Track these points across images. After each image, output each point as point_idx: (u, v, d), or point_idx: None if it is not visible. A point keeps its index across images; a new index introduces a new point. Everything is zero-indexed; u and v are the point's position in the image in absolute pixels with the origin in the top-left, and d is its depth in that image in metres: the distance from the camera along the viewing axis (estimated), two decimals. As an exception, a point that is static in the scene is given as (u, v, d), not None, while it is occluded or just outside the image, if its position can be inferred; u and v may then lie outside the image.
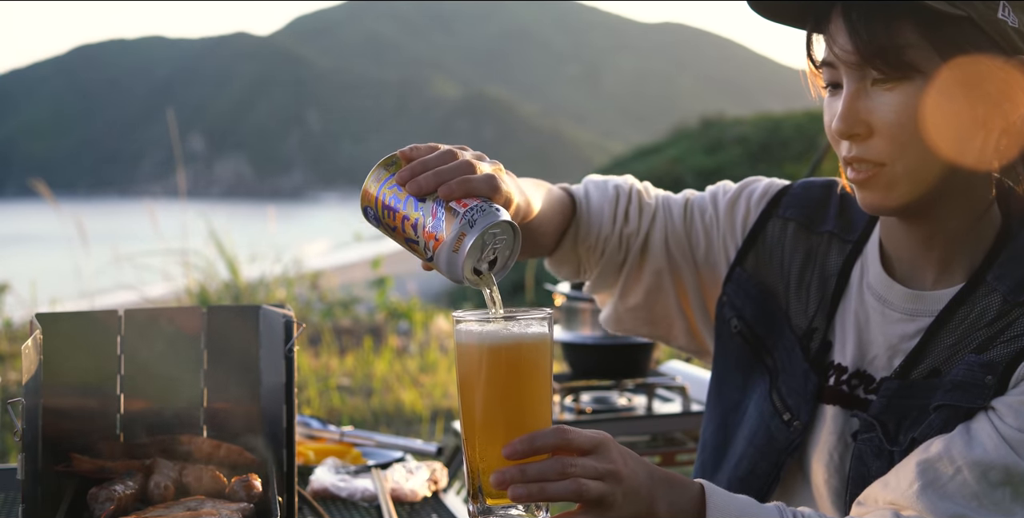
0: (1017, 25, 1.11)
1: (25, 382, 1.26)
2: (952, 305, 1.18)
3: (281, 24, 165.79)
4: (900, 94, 1.12)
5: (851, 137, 1.16)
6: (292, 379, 1.37)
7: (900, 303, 1.23)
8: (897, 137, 1.13)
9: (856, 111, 1.14)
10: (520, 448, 0.99)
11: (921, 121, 1.12)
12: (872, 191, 1.17)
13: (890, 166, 1.14)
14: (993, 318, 1.14)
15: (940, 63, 1.10)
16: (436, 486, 1.70)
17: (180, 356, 1.51)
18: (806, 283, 1.34)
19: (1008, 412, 1.08)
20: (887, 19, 1.10)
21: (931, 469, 1.08)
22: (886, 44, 1.10)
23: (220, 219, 7.34)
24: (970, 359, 1.12)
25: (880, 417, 1.18)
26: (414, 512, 1.61)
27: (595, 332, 2.49)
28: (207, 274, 6.77)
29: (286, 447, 1.36)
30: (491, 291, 1.05)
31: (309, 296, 7.30)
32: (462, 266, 1.01)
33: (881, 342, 1.24)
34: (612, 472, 1.01)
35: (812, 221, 1.37)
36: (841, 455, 1.23)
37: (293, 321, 1.39)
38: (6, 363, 5.41)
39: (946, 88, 1.11)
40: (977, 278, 1.18)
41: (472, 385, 1.03)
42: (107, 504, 1.29)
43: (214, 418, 1.52)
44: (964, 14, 1.08)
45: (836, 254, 1.33)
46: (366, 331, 6.61)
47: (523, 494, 0.98)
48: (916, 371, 1.17)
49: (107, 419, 1.48)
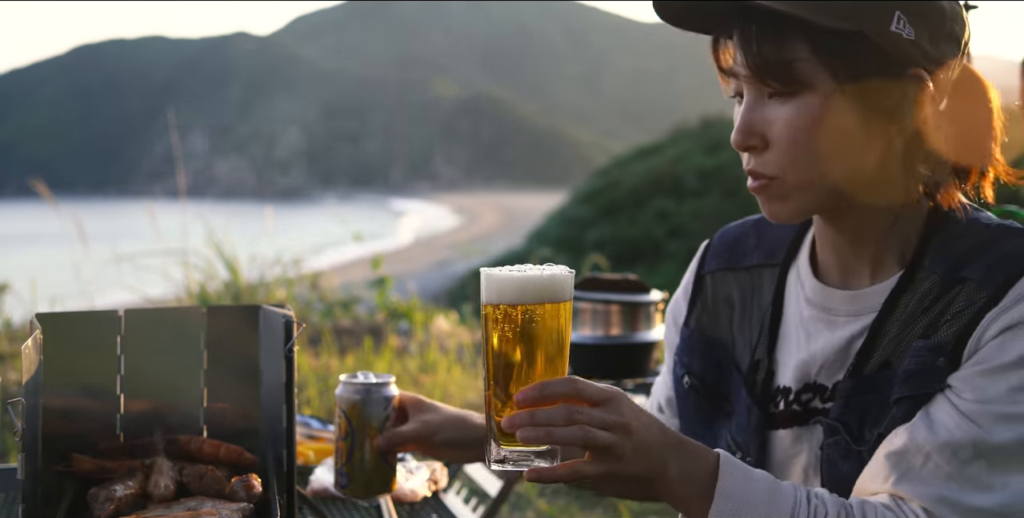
0: (913, 37, 1.09)
1: (25, 382, 1.25)
2: (893, 295, 1.17)
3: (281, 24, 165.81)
4: (792, 108, 1.12)
5: (748, 149, 1.16)
6: (292, 379, 1.37)
7: (842, 306, 1.22)
8: (789, 150, 1.13)
9: (752, 123, 1.14)
10: (531, 394, 1.04)
11: (813, 135, 1.11)
12: (768, 201, 1.18)
13: (781, 178, 1.14)
14: (934, 300, 1.13)
15: (830, 78, 1.10)
16: (436, 486, 1.71)
17: (180, 356, 1.51)
18: (748, 320, 1.34)
19: (964, 386, 1.07)
20: (778, 34, 1.10)
21: (902, 461, 1.08)
22: (775, 59, 1.10)
23: (220, 219, 7.34)
24: (918, 346, 1.12)
25: (842, 418, 1.17)
26: (414, 512, 1.61)
27: (595, 332, 2.49)
28: (207, 274, 6.77)
29: (286, 447, 1.36)
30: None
31: (309, 296, 7.29)
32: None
33: (830, 350, 1.22)
34: (621, 424, 1.03)
35: (736, 260, 1.38)
36: (813, 467, 1.22)
37: (293, 321, 1.39)
38: (6, 363, 5.40)
39: (838, 103, 1.11)
40: (914, 265, 1.17)
41: (494, 335, 1.07)
42: (107, 504, 1.29)
43: (214, 418, 1.52)
44: (855, 28, 1.08)
45: (768, 282, 1.33)
46: (366, 331, 6.60)
47: (530, 437, 1.02)
48: (868, 366, 1.17)
49: (107, 419, 1.48)
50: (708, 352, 1.36)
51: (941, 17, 1.12)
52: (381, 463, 1.43)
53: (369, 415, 1.42)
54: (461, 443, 1.44)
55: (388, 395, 1.44)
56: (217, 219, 7.31)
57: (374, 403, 1.43)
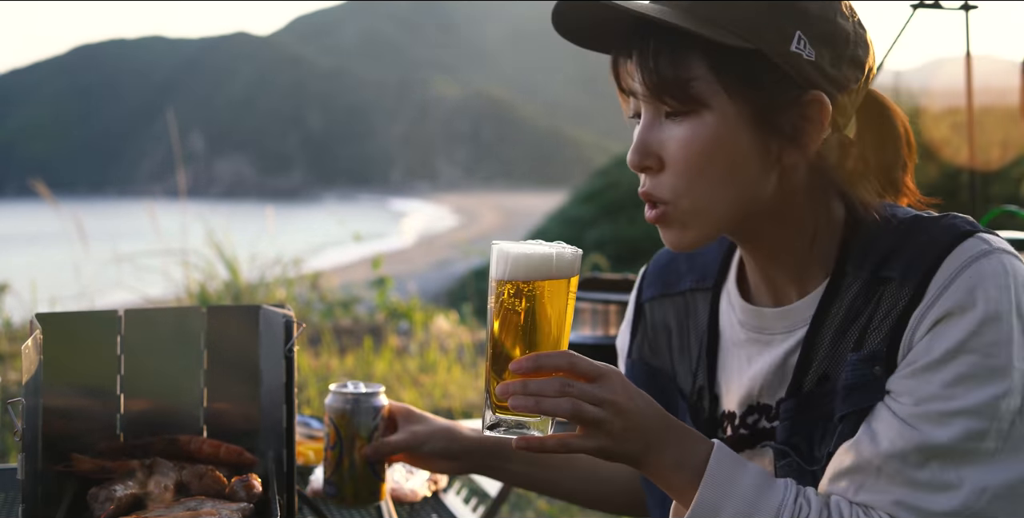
0: (813, 58, 1.08)
1: (25, 382, 1.25)
2: (822, 306, 1.15)
3: (281, 24, 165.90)
4: (688, 128, 1.09)
5: (644, 170, 1.13)
6: (292, 379, 1.37)
7: (775, 324, 1.20)
8: (683, 172, 1.10)
9: (648, 143, 1.12)
10: (526, 364, 1.05)
11: (708, 156, 1.09)
12: (666, 230, 1.15)
13: (674, 204, 1.12)
14: (863, 304, 1.11)
15: (727, 97, 1.08)
16: (436, 486, 1.71)
17: (180, 356, 1.51)
18: (686, 345, 1.33)
19: (900, 390, 1.06)
20: (675, 52, 1.08)
21: (855, 478, 1.06)
22: (672, 77, 1.08)
23: (220, 219, 7.34)
24: (852, 359, 1.10)
25: (790, 441, 1.15)
26: (414, 512, 1.61)
27: (595, 332, 2.49)
28: (207, 274, 6.77)
29: (286, 447, 1.35)
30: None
31: (309, 296, 7.30)
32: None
33: (768, 369, 1.20)
34: (612, 402, 1.04)
35: (669, 286, 1.37)
36: None
37: (293, 321, 1.39)
38: (6, 363, 5.40)
39: (734, 123, 1.08)
40: (837, 273, 1.15)
41: (499, 307, 1.09)
42: (107, 504, 1.29)
43: (214, 418, 1.52)
44: (753, 47, 1.06)
45: (702, 306, 1.31)
46: (366, 331, 6.60)
47: (520, 405, 1.04)
48: (807, 381, 1.15)
49: (107, 419, 1.48)
50: (651, 382, 1.35)
51: (844, 40, 1.10)
52: (369, 473, 1.43)
53: (358, 425, 1.42)
54: (448, 454, 1.43)
55: (377, 405, 1.44)
56: (217, 219, 7.32)
57: (363, 413, 1.43)
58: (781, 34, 1.07)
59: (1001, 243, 1.08)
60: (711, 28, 1.06)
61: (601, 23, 1.13)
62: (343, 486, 1.44)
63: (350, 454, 1.43)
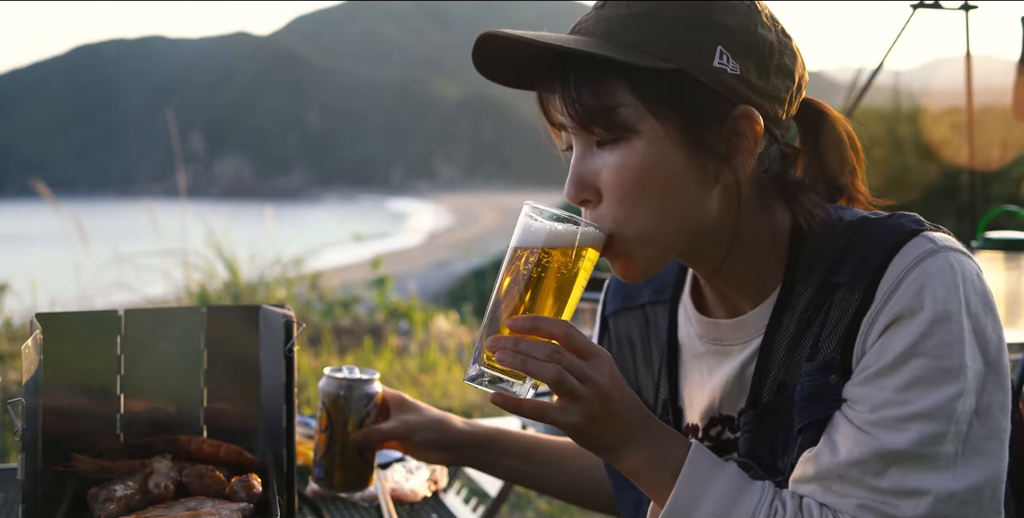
0: (739, 72, 1.07)
1: (25, 382, 1.26)
2: (775, 314, 1.14)
3: (281, 24, 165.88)
4: (619, 155, 1.08)
5: (583, 203, 1.12)
6: (292, 379, 1.37)
7: (731, 335, 1.20)
8: (620, 201, 1.08)
9: (582, 175, 1.10)
10: (523, 323, 1.05)
11: (642, 183, 1.07)
12: (614, 262, 1.13)
13: (618, 234, 1.09)
14: (815, 312, 1.10)
15: (654, 121, 1.06)
16: (436, 486, 1.71)
17: (180, 356, 1.52)
18: (648, 358, 1.32)
19: (855, 397, 1.05)
20: (597, 80, 1.06)
21: (819, 487, 1.05)
22: (596, 106, 1.06)
23: (220, 219, 7.35)
24: (808, 369, 1.09)
25: (752, 453, 1.15)
26: (414, 512, 1.61)
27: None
28: (207, 274, 6.77)
29: (286, 447, 1.36)
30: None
31: (309, 296, 7.30)
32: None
33: (727, 379, 1.20)
34: (597, 382, 1.04)
35: (630, 299, 1.36)
36: None
37: (293, 321, 1.39)
38: (6, 363, 5.41)
39: (665, 146, 1.07)
40: (788, 281, 1.14)
41: (513, 268, 1.08)
42: (107, 504, 1.29)
43: (214, 418, 1.53)
44: (674, 67, 1.05)
45: (662, 319, 1.31)
46: (366, 331, 6.61)
47: (506, 360, 1.03)
48: (765, 391, 1.14)
49: (107, 419, 1.48)
50: None
51: (768, 50, 1.09)
52: (357, 459, 1.43)
53: (349, 410, 1.43)
54: (439, 445, 1.43)
55: (370, 391, 1.44)
56: (217, 219, 7.32)
57: (355, 398, 1.43)
58: (701, 51, 1.06)
59: (948, 240, 1.07)
60: (628, 52, 1.05)
61: (522, 60, 1.11)
62: (332, 470, 1.44)
63: (340, 439, 1.43)
